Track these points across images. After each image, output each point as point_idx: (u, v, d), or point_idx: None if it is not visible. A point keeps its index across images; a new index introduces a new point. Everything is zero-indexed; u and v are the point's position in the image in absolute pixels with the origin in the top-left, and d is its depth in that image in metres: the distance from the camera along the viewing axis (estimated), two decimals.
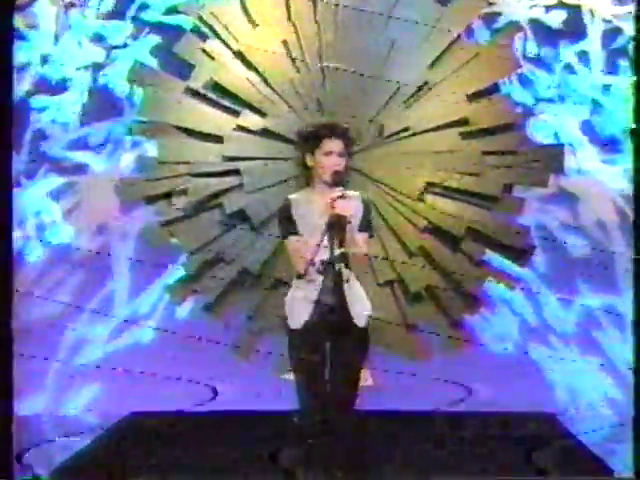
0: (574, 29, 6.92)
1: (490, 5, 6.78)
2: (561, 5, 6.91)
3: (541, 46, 6.94)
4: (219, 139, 6.52)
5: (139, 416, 6.64)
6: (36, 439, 6.31)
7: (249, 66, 6.54)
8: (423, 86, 6.52)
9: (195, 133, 6.54)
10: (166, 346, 6.73)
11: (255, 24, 6.56)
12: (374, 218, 5.51)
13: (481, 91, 6.56)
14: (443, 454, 5.79)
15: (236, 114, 6.53)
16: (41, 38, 6.94)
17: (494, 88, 6.61)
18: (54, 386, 6.96)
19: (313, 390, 5.04)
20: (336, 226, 4.83)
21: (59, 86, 6.96)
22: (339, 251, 4.85)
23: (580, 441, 6.09)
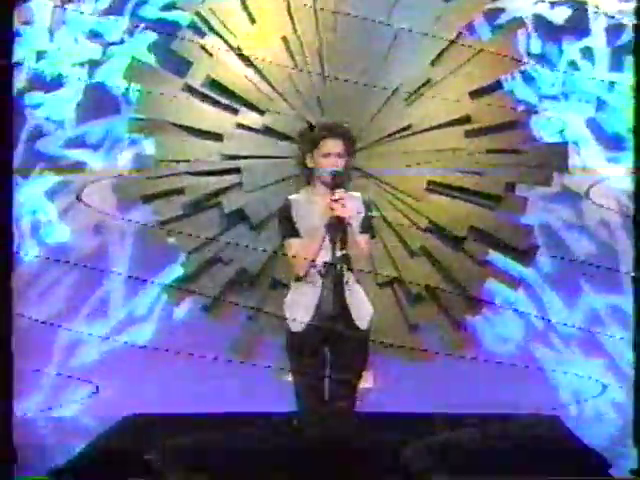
0: (578, 25, 6.87)
1: (493, 1, 6.70)
2: (566, 1, 6.85)
3: (544, 42, 6.88)
4: (218, 137, 6.46)
5: (137, 417, 6.55)
6: (32, 440, 6.27)
7: (248, 63, 6.48)
8: (425, 83, 6.46)
9: (193, 131, 6.48)
10: (164, 347, 6.57)
11: (254, 20, 6.50)
12: (375, 218, 5.55)
13: (484, 88, 6.49)
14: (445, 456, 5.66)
15: (235, 112, 6.47)
16: (36, 34, 6.87)
17: (497, 85, 6.54)
18: (49, 387, 6.91)
19: (313, 393, 5.04)
20: (336, 228, 4.81)
21: (54, 83, 6.90)
22: (340, 253, 4.83)
23: (584, 443, 5.95)
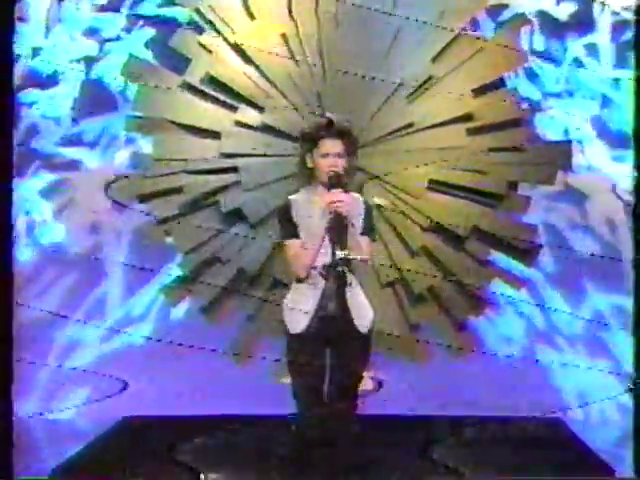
0: (583, 21, 6.83)
1: None
2: None
3: (548, 39, 6.83)
4: (216, 135, 6.41)
5: (134, 420, 6.57)
6: (28, 442, 6.29)
7: (247, 60, 6.42)
8: (427, 81, 6.40)
9: (191, 129, 6.43)
10: (161, 348, 6.59)
11: (253, 16, 6.44)
12: (376, 218, 5.51)
13: (487, 86, 6.44)
14: (446, 458, 5.73)
15: (233, 109, 6.42)
16: (32, 30, 6.82)
17: (500, 83, 6.49)
18: (45, 389, 6.89)
19: (313, 396, 5.03)
20: (337, 228, 4.79)
21: (50, 80, 6.86)
22: (341, 254, 4.81)
23: (587, 446, 6.02)
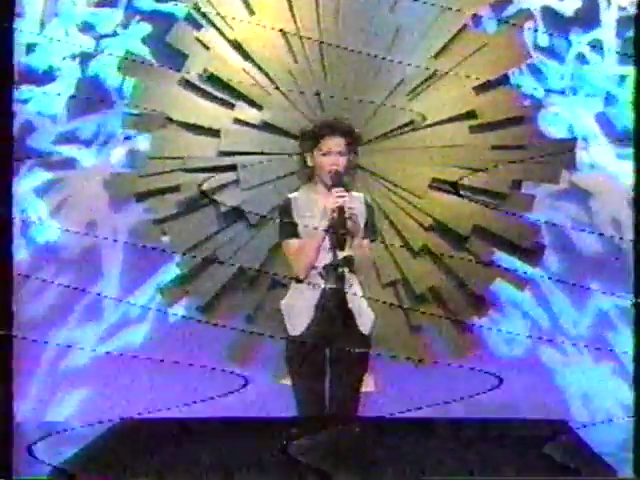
0: (587, 17, 6.78)
1: None
2: None
3: (552, 35, 6.77)
4: (214, 132, 6.36)
5: (132, 422, 6.47)
6: (27, 442, 6.07)
7: (245, 56, 6.37)
8: (428, 77, 6.35)
9: (189, 126, 6.37)
10: (158, 349, 6.61)
11: (252, 12, 6.39)
12: (377, 217, 5.46)
13: (489, 82, 6.39)
14: (447, 460, 5.65)
15: (232, 106, 6.37)
16: (26, 26, 6.74)
17: (503, 79, 6.45)
18: (40, 390, 6.86)
19: (313, 398, 5.02)
20: (338, 228, 4.80)
21: (45, 76, 6.80)
22: (342, 254, 4.82)
23: (592, 449, 5.94)
